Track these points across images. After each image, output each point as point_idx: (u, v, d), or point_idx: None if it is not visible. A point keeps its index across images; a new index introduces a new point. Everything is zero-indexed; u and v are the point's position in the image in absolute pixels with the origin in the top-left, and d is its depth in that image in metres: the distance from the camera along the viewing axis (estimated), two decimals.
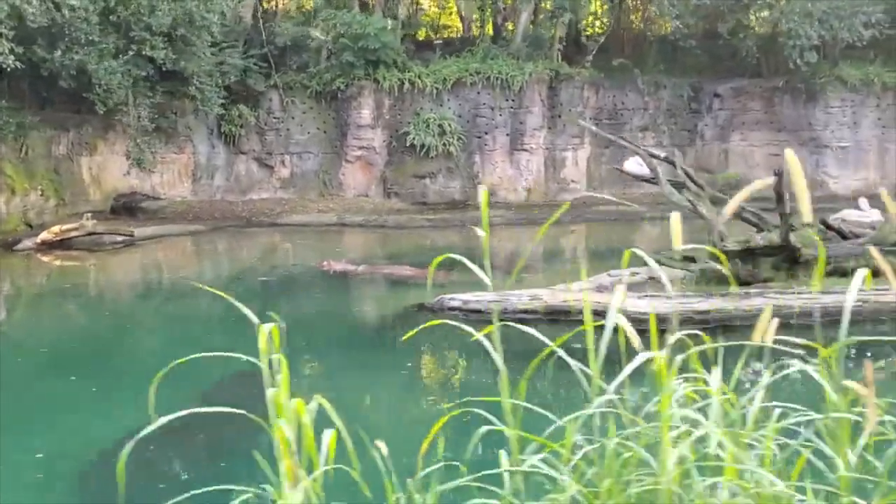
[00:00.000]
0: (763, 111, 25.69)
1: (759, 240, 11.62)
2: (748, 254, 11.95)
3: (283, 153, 23.12)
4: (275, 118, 23.00)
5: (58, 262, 15.67)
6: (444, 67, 23.39)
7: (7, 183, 16.54)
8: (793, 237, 12.35)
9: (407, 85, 22.97)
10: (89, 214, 17.04)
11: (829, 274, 11.98)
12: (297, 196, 23.20)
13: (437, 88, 23.12)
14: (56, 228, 16.19)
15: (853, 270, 9.97)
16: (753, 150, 25.92)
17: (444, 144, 22.90)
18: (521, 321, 10.99)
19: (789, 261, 11.94)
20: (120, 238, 16.95)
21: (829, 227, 13.39)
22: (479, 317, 10.97)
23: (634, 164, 13.06)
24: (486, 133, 23.55)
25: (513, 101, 23.48)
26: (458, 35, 26.47)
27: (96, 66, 16.02)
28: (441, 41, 25.31)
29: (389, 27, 22.11)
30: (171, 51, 17.70)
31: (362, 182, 23.32)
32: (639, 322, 9.68)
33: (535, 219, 21.49)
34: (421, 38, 25.64)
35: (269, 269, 15.89)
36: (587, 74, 24.46)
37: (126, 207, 20.10)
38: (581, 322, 2.74)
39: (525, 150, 23.88)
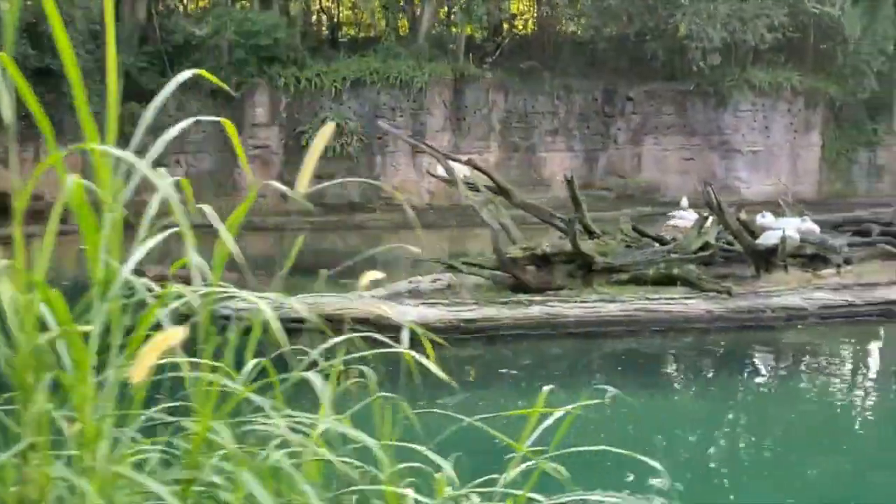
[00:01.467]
0: (676, 115, 25.37)
1: (545, 247, 11.31)
2: (544, 261, 11.64)
3: (178, 153, 22.82)
4: (169, 116, 22.52)
5: None
6: (344, 67, 23.11)
7: None
8: (588, 244, 12.06)
9: (304, 83, 22.68)
10: None
11: (626, 282, 11.71)
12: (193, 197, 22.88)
13: (336, 88, 22.83)
14: None
15: (655, 278, 9.71)
16: (666, 155, 25.59)
17: (343, 145, 22.61)
18: (290, 330, 10.83)
19: (585, 268, 11.63)
20: None
21: (641, 233, 13.08)
22: (239, 325, 10.70)
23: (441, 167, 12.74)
24: (387, 134, 23.23)
25: (413, 102, 23.18)
26: (364, 34, 26.16)
27: None
28: (346, 39, 25.03)
29: (283, 24, 21.81)
30: (29, 47, 17.44)
31: (258, 183, 23.01)
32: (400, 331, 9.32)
33: (431, 222, 21.26)
34: (325, 37, 25.34)
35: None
36: (494, 77, 24.14)
37: None
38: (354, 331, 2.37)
39: (427, 153, 23.54)
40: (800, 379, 9.43)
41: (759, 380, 9.52)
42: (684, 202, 18.45)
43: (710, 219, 12.24)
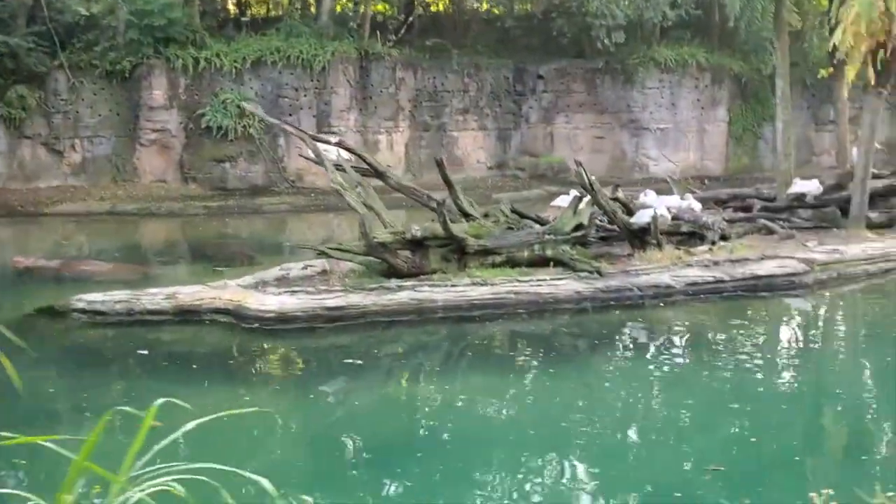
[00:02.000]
0: (586, 93, 25.37)
1: (415, 231, 11.10)
2: (418, 245, 11.45)
3: (73, 137, 22.05)
4: (62, 100, 21.89)
5: None
6: (245, 46, 22.55)
7: None
8: (463, 227, 11.91)
9: (203, 64, 22.07)
10: None
11: (500, 264, 11.59)
12: (90, 183, 22.20)
13: (236, 68, 22.27)
14: None
15: (530, 260, 9.54)
16: (578, 133, 25.60)
17: (244, 127, 22.11)
18: (144, 322, 10.24)
19: (459, 252, 11.47)
20: None
21: (521, 214, 12.98)
22: (104, 318, 10.32)
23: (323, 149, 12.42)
24: (291, 115, 22.78)
25: (317, 81, 22.74)
26: (275, 12, 25.58)
27: None
28: (248, 19, 24.42)
29: (179, 3, 21.15)
30: None
31: (159, 167, 22.39)
32: (262, 320, 8.88)
33: (332, 205, 20.88)
34: (224, 17, 24.67)
35: None
36: (401, 55, 23.81)
37: None
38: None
39: (334, 133, 23.13)
40: (655, 354, 9.41)
41: (613, 358, 9.47)
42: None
43: (585, 199, 12.17)
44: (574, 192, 13.12)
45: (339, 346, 9.65)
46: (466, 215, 12.35)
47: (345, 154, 12.43)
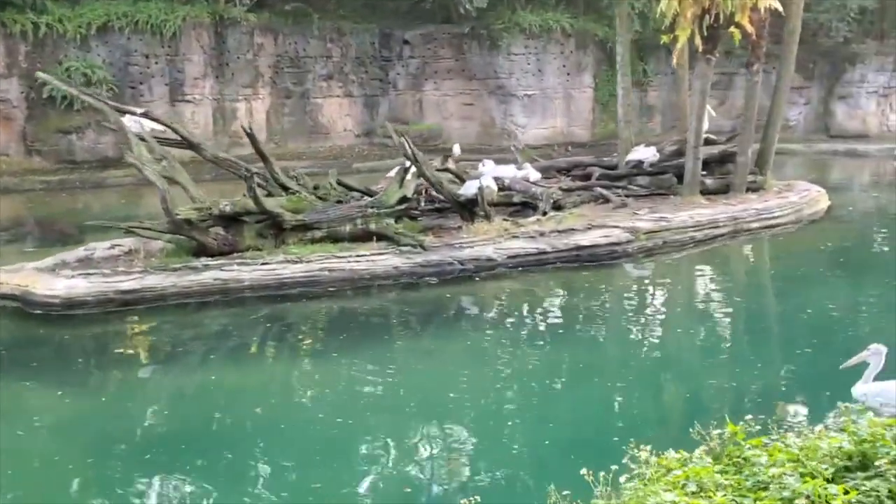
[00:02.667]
0: (454, 59, 25.08)
1: (224, 205, 10.69)
2: (232, 221, 11.03)
3: None
4: None
5: None
6: (90, 11, 21.32)
7: None
8: (280, 201, 11.57)
9: (44, 29, 20.78)
10: None
11: (321, 240, 11.30)
12: None
13: (80, 34, 21.05)
14: None
15: (353, 234, 9.09)
16: (447, 100, 25.35)
17: (92, 96, 20.94)
18: None
19: (275, 227, 11.11)
20: None
21: (348, 187, 12.69)
22: None
23: (130, 121, 11.79)
24: (142, 83, 21.78)
25: (168, 48, 21.74)
26: None
27: None
28: None
29: None
30: None
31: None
32: (49, 306, 8.10)
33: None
34: None
35: None
36: (259, 19, 22.97)
37: None
38: None
39: (189, 101, 22.28)
40: (446, 331, 9.32)
41: (404, 337, 9.33)
42: (456, 149, 17.89)
43: (411, 170, 11.94)
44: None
45: (118, 333, 9.16)
46: (286, 188, 11.96)
47: (157, 126, 11.81)
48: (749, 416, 3.83)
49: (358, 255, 10.80)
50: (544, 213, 12.57)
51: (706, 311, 10.27)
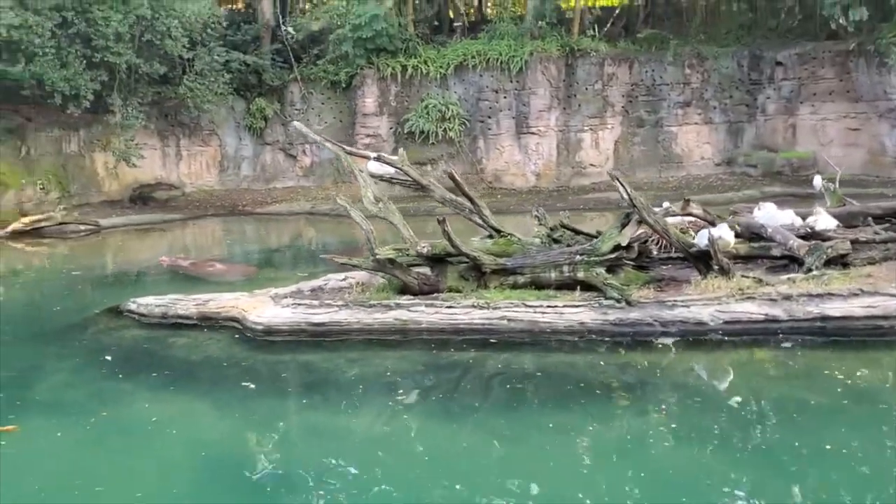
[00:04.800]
0: (837, 79, 21.99)
1: (422, 248, 10.59)
2: (438, 262, 10.94)
3: (304, 143, 24.33)
4: (296, 110, 24.28)
5: (20, 247, 18.34)
6: (451, 52, 23.10)
7: (0, 179, 19.64)
8: (484, 244, 11.09)
9: (411, 71, 23.03)
10: (62, 207, 19.63)
11: (524, 285, 10.66)
12: (316, 184, 24.36)
13: (441, 73, 22.89)
14: (27, 219, 18.92)
15: (560, 282, 9.24)
16: (826, 124, 22.26)
17: (444, 130, 22.67)
18: (177, 325, 11.45)
19: (476, 270, 10.74)
20: (83, 228, 19.32)
21: (576, 231, 11.64)
22: (147, 320, 11.37)
23: (375, 165, 12.34)
24: (490, 117, 22.89)
25: (516, 82, 22.52)
26: (481, 16, 25.69)
27: (54, 76, 18.39)
28: (460, 24, 24.82)
29: (383, 14, 22.26)
30: (134, 55, 19.64)
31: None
32: (255, 332, 9.67)
33: (525, 207, 20.62)
34: (445, 22, 25.29)
35: (147, 260, 17.04)
36: (608, 48, 22.62)
37: (141, 197, 22.62)
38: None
39: (533, 134, 22.80)
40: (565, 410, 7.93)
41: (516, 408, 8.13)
42: (817, 181, 14.57)
43: (634, 216, 10.59)
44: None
45: (286, 362, 9.61)
46: (497, 231, 11.50)
47: (390, 169, 12.19)
48: None
49: (548, 306, 9.93)
50: (808, 271, 10.22)
51: None
